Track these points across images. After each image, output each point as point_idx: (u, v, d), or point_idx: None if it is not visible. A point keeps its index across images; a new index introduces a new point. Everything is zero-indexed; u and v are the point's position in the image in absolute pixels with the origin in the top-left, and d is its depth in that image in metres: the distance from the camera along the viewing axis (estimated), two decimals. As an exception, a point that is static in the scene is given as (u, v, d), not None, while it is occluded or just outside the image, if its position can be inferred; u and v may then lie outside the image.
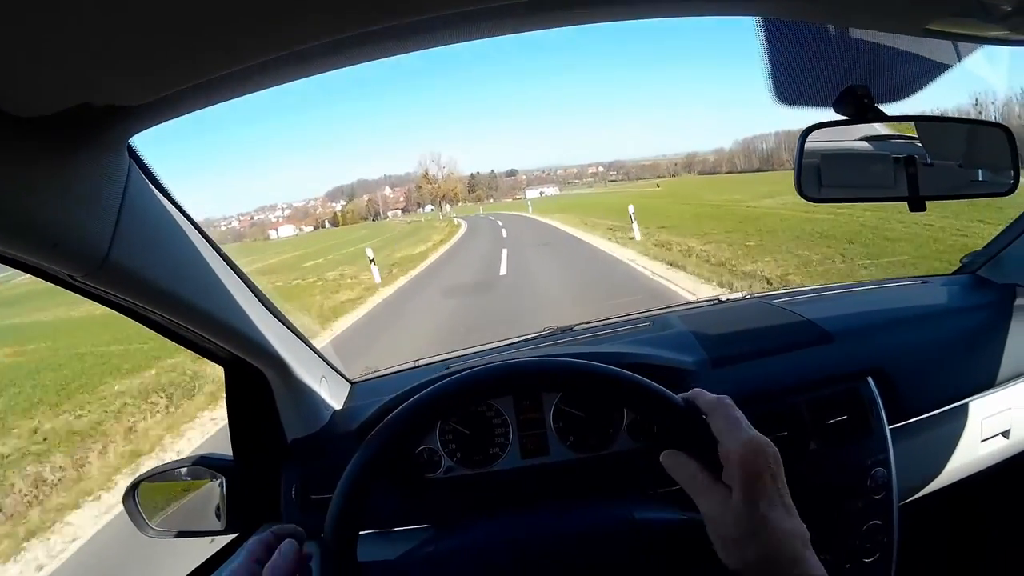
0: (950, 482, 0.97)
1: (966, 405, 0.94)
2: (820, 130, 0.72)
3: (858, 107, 0.71)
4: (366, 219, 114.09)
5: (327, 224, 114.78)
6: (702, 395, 0.51)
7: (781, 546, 0.43)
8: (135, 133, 0.54)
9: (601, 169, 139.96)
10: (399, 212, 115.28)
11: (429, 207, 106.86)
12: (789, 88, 0.70)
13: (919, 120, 0.77)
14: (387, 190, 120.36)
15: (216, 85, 0.51)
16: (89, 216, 0.50)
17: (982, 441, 0.97)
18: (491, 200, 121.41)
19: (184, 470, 0.97)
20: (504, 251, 14.23)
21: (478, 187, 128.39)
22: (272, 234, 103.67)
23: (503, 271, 10.85)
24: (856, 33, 0.71)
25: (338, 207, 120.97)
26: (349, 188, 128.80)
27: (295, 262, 24.44)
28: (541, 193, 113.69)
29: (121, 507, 0.93)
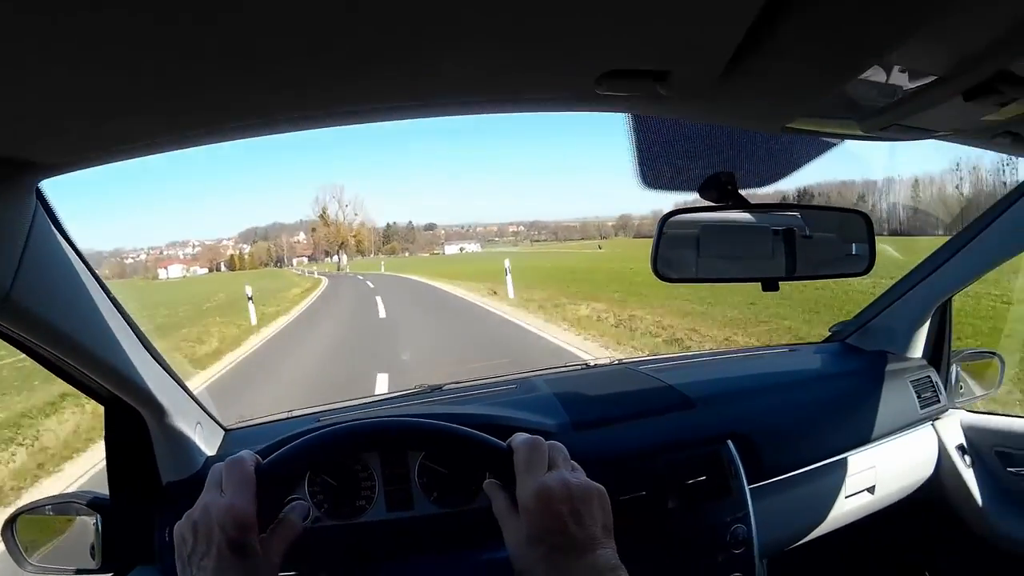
0: (817, 535, 1.03)
1: (831, 464, 1.02)
2: (680, 215, 0.78)
3: (721, 193, 0.78)
4: (267, 264, 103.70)
5: (223, 267, 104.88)
6: (517, 437, 0.56)
7: None
8: (45, 178, 0.56)
9: (522, 228, 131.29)
10: (305, 259, 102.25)
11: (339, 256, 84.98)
12: (655, 174, 0.75)
13: (780, 207, 0.84)
14: (300, 235, 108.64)
15: (128, 150, 0.54)
16: None
17: (847, 497, 1.04)
18: (407, 253, 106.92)
19: (64, 506, 0.95)
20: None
21: (394, 238, 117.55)
22: (162, 273, 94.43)
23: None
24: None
25: (247, 249, 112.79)
26: (263, 230, 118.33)
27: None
28: (462, 249, 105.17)
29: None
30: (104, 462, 0.89)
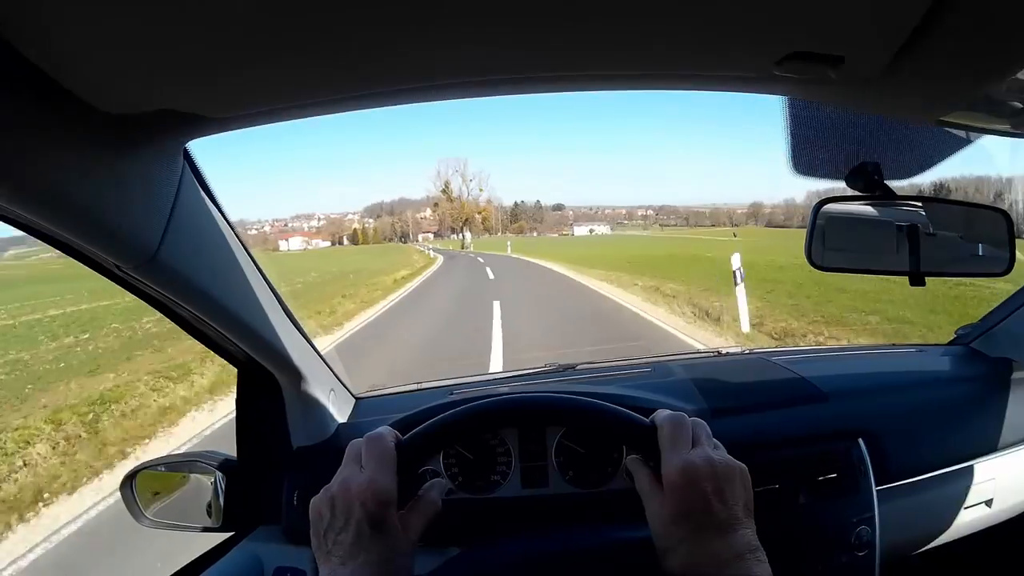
0: (932, 546, 0.99)
1: (952, 473, 0.98)
2: (832, 203, 0.76)
3: (868, 183, 0.76)
4: (391, 239, 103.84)
5: (345, 240, 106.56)
6: (659, 413, 0.55)
7: (701, 565, 0.46)
8: (194, 139, 0.58)
9: (651, 212, 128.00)
10: (431, 235, 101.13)
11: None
12: (806, 160, 0.74)
13: (925, 200, 0.82)
14: (427, 211, 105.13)
15: (282, 112, 0.55)
16: (145, 212, 0.53)
17: (965, 508, 1.00)
18: (534, 233, 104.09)
19: (183, 464, 0.99)
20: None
21: (521, 217, 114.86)
22: (282, 244, 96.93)
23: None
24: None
25: (372, 223, 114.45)
26: (388, 205, 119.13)
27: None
28: (591, 231, 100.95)
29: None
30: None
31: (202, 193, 0.64)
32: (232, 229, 0.70)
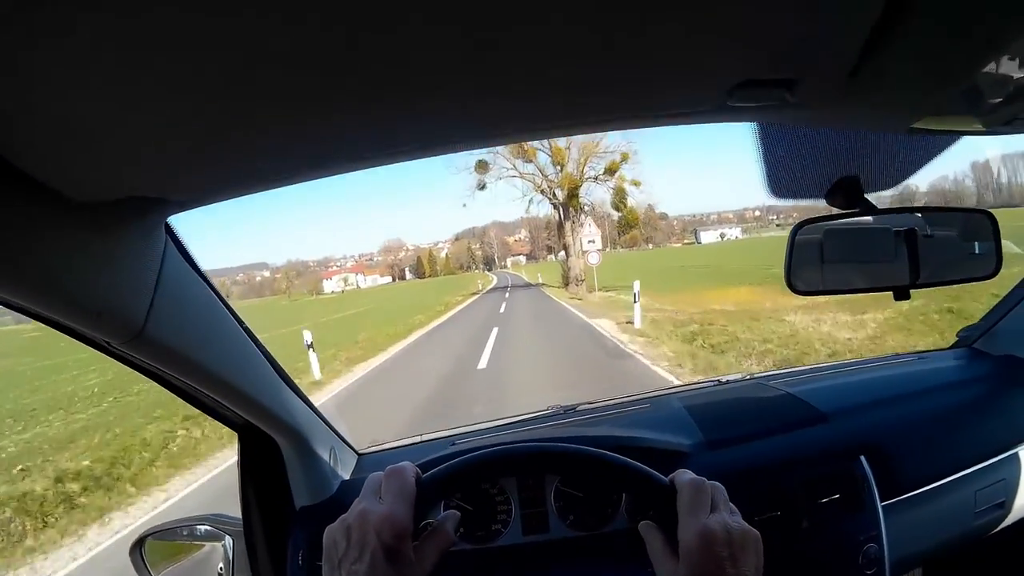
0: (945, 554, 0.97)
1: (961, 478, 0.96)
2: (812, 224, 0.76)
3: (849, 198, 0.75)
4: (468, 268, 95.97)
5: (408, 274, 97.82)
6: (681, 475, 0.55)
7: None
8: (173, 215, 0.59)
9: (758, 213, 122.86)
10: (522, 259, 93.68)
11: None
12: (782, 182, 0.73)
13: (909, 210, 0.81)
14: (521, 233, 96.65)
15: (260, 184, 0.56)
16: (130, 290, 0.53)
17: (976, 512, 0.98)
18: (650, 245, 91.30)
19: (192, 528, 0.99)
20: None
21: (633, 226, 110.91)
22: (327, 285, 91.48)
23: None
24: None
25: (444, 250, 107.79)
26: (480, 230, 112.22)
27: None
28: (722, 235, 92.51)
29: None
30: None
31: (186, 264, 0.64)
32: (219, 296, 0.71)
